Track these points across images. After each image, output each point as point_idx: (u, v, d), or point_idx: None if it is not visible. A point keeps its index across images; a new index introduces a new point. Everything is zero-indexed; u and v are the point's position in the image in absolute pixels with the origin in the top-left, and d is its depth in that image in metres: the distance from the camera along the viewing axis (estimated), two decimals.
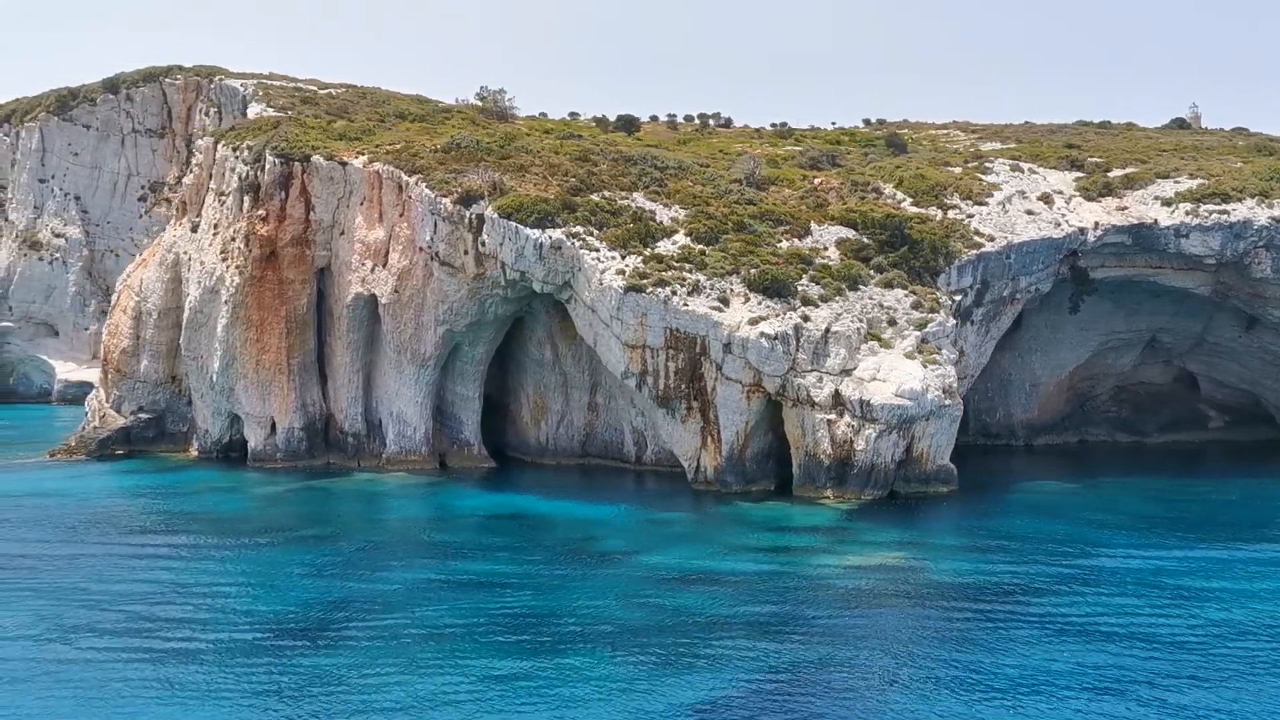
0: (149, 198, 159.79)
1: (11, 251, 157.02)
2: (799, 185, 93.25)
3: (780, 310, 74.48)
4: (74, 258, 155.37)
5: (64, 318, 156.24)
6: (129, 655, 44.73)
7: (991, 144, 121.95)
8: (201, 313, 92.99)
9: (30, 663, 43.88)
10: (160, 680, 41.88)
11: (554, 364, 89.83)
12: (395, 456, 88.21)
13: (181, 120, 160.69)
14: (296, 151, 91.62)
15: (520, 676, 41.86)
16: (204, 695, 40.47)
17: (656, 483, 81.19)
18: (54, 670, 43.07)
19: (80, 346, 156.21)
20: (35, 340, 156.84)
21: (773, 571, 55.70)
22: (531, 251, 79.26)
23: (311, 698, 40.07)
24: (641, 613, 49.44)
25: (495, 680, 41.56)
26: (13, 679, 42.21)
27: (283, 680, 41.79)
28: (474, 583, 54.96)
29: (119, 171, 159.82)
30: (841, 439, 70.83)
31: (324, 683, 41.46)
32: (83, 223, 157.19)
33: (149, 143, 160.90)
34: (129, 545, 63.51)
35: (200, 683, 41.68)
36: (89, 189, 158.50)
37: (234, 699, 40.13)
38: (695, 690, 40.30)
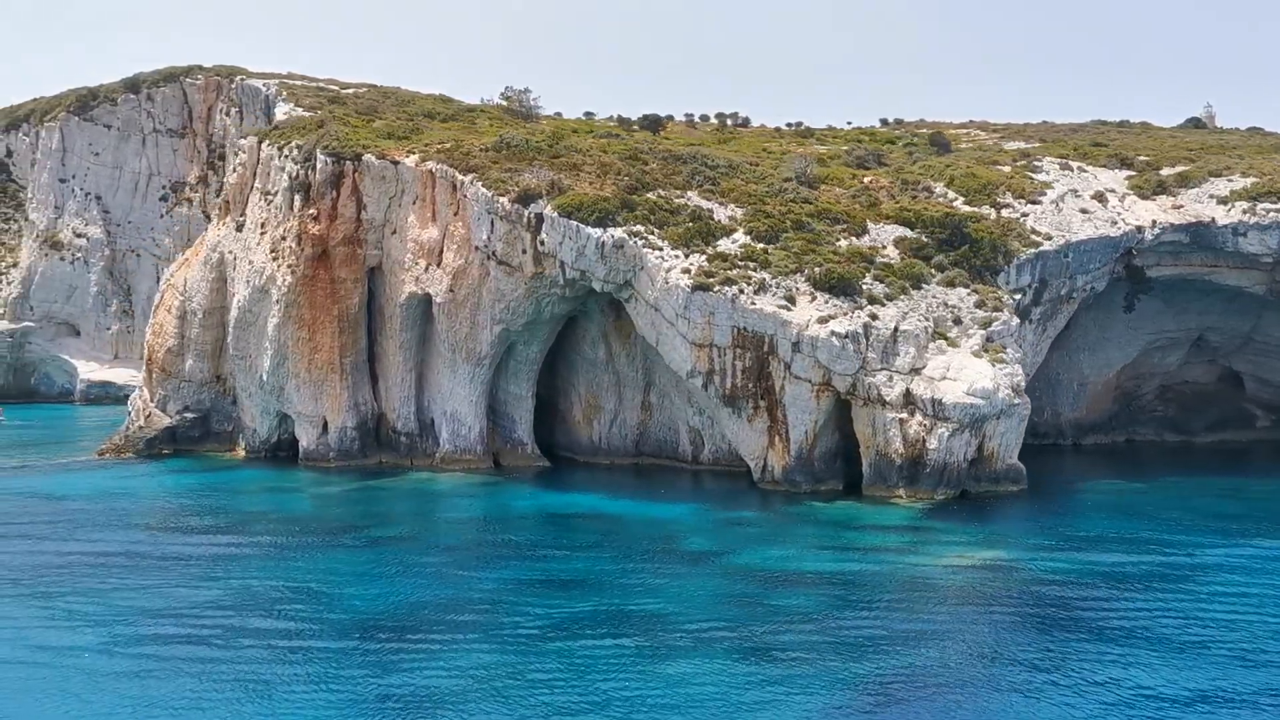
0: (170, 197, 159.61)
1: (32, 251, 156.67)
2: (849, 184, 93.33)
3: (847, 309, 74.53)
4: (95, 257, 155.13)
5: (86, 318, 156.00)
6: (247, 658, 44.56)
7: (1015, 143, 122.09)
8: (250, 312, 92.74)
9: (146, 663, 43.72)
10: (273, 682, 41.71)
11: (607, 363, 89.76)
12: (450, 456, 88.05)
13: (202, 120, 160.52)
14: (348, 150, 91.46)
15: (644, 678, 41.75)
16: (319, 696, 40.32)
17: (717, 482, 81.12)
18: (169, 673, 42.89)
19: (102, 346, 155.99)
20: (57, 340, 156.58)
21: (871, 571, 55.72)
22: (593, 250, 79.19)
23: (436, 701, 39.91)
24: (749, 613, 49.39)
25: (621, 684, 41.40)
26: (128, 681, 42.04)
27: (401, 681, 41.69)
28: (568, 583, 54.83)
29: (140, 171, 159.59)
30: (913, 438, 70.89)
31: (446, 684, 41.32)
32: (104, 222, 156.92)
33: (170, 142, 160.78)
34: (212, 546, 63.32)
35: (314, 684, 41.51)
36: (110, 189, 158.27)
37: (354, 702, 39.97)
38: (826, 693, 40.21)
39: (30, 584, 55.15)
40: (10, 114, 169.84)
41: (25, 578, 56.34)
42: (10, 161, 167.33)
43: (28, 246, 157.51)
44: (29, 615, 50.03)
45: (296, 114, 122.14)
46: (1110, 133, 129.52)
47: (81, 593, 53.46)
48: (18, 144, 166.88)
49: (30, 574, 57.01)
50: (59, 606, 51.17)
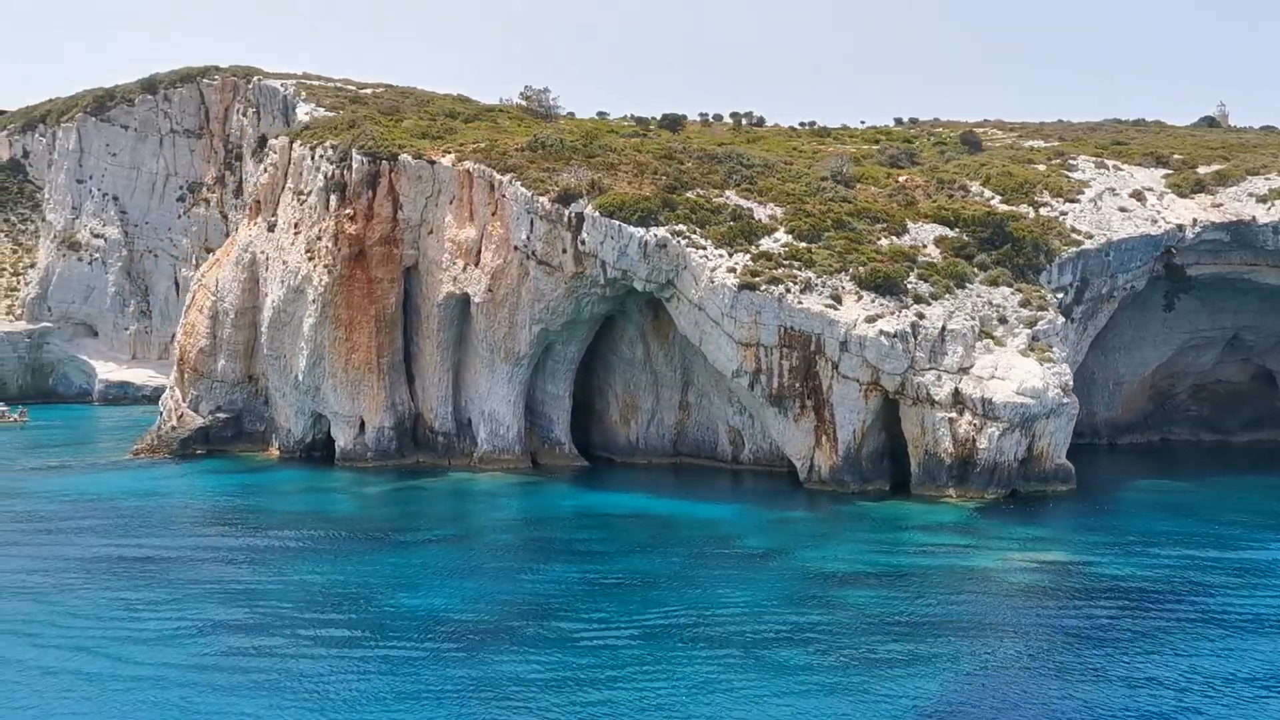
0: (187, 198, 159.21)
1: (50, 252, 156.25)
2: (885, 183, 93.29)
3: (894, 308, 74.48)
4: (113, 258, 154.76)
5: (103, 318, 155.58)
6: (328, 660, 44.44)
7: (1034, 141, 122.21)
8: (285, 312, 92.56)
9: (226, 662, 43.61)
10: (358, 684, 41.61)
11: (645, 363, 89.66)
12: (488, 456, 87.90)
13: (219, 120, 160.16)
14: (383, 150, 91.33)
15: (729, 676, 41.67)
16: (404, 698, 40.23)
17: (759, 482, 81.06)
18: (247, 673, 42.78)
19: (120, 347, 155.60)
20: (74, 340, 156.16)
21: (939, 570, 55.66)
22: (635, 250, 79.09)
23: (517, 702, 39.79)
24: (823, 612, 49.35)
25: (707, 680, 41.33)
26: (205, 683, 41.93)
27: (473, 680, 41.56)
28: (635, 584, 54.72)
29: (157, 172, 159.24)
30: (963, 437, 70.83)
31: (521, 686, 41.18)
32: (121, 223, 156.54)
33: (186, 143, 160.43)
34: (271, 546, 63.27)
35: (400, 685, 41.43)
36: (127, 189, 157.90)
37: (428, 701, 39.87)
38: (913, 691, 40.15)
39: (106, 581, 55.24)
40: (26, 115, 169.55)
41: (102, 574, 56.52)
42: (27, 162, 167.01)
43: (45, 247, 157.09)
44: (114, 614, 49.97)
45: (319, 114, 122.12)
46: (1128, 131, 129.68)
47: (154, 591, 53.47)
48: (34, 145, 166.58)
49: (103, 572, 57.10)
50: (139, 606, 51.13)
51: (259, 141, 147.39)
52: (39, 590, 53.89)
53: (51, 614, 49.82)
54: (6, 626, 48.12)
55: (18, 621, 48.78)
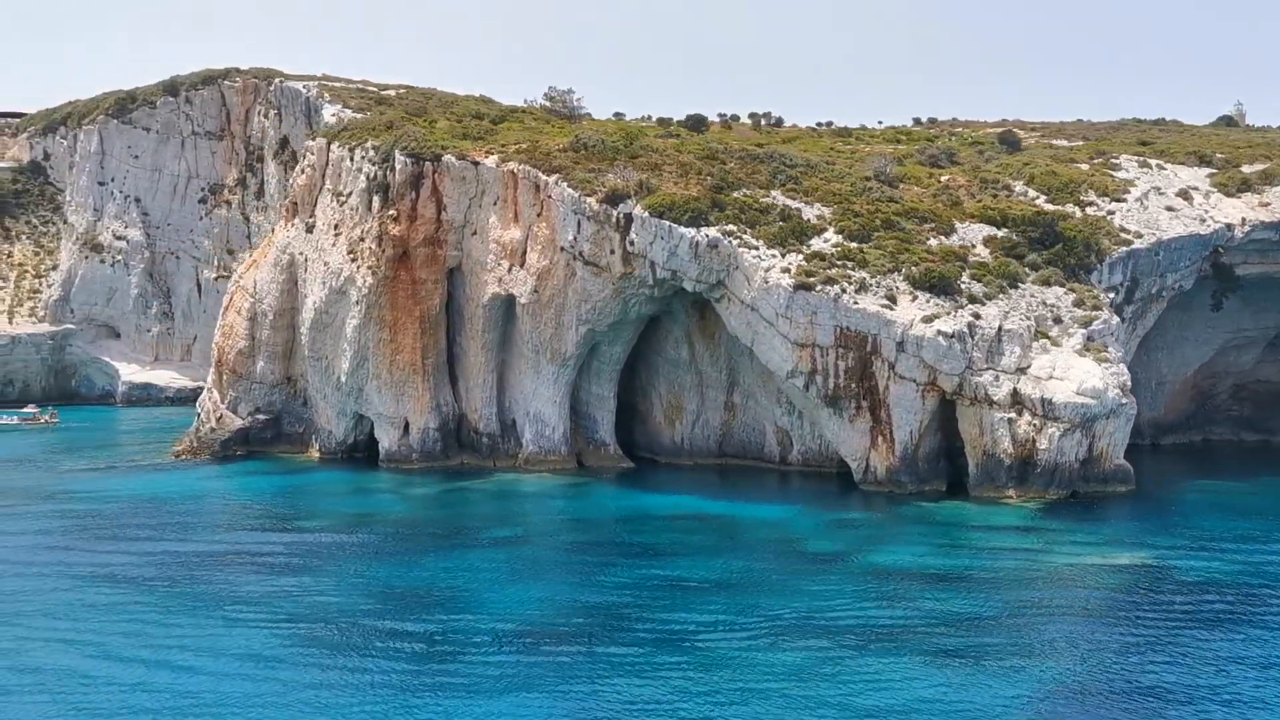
0: (209, 200, 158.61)
1: (72, 254, 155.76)
2: (928, 183, 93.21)
3: (949, 308, 74.37)
4: (135, 260, 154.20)
5: (126, 320, 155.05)
6: (412, 662, 44.35)
7: (1058, 141, 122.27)
8: (327, 313, 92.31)
9: (319, 666, 43.47)
10: (448, 687, 41.46)
11: (690, 363, 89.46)
12: (534, 457, 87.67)
13: (240, 122, 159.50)
14: (427, 151, 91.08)
15: (830, 678, 41.59)
16: (496, 695, 40.09)
17: (809, 483, 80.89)
18: (353, 673, 42.63)
19: (142, 349, 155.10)
20: (97, 342, 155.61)
21: (1014, 570, 55.60)
22: (685, 250, 78.93)
23: (630, 704, 39.66)
24: (912, 615, 49.26)
25: (807, 682, 41.22)
26: (293, 675, 41.75)
27: (578, 686, 41.41)
28: (707, 585, 54.70)
29: (179, 174, 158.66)
30: (1023, 438, 70.69)
31: (623, 690, 41.04)
32: (143, 225, 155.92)
33: (208, 145, 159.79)
34: (335, 548, 63.28)
35: (489, 687, 41.33)
36: (149, 191, 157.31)
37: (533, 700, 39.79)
38: (1021, 692, 40.01)
39: (182, 585, 55.25)
40: (46, 118, 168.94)
41: (177, 577, 56.62)
42: (48, 165, 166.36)
43: (67, 249, 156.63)
44: (197, 618, 49.89)
45: (346, 115, 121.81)
46: (1152, 131, 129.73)
47: (228, 592, 53.35)
48: (55, 147, 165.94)
49: (175, 574, 57.10)
50: (222, 610, 51.07)
51: (280, 143, 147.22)
52: (124, 591, 53.77)
53: (143, 612, 49.70)
54: (111, 627, 47.81)
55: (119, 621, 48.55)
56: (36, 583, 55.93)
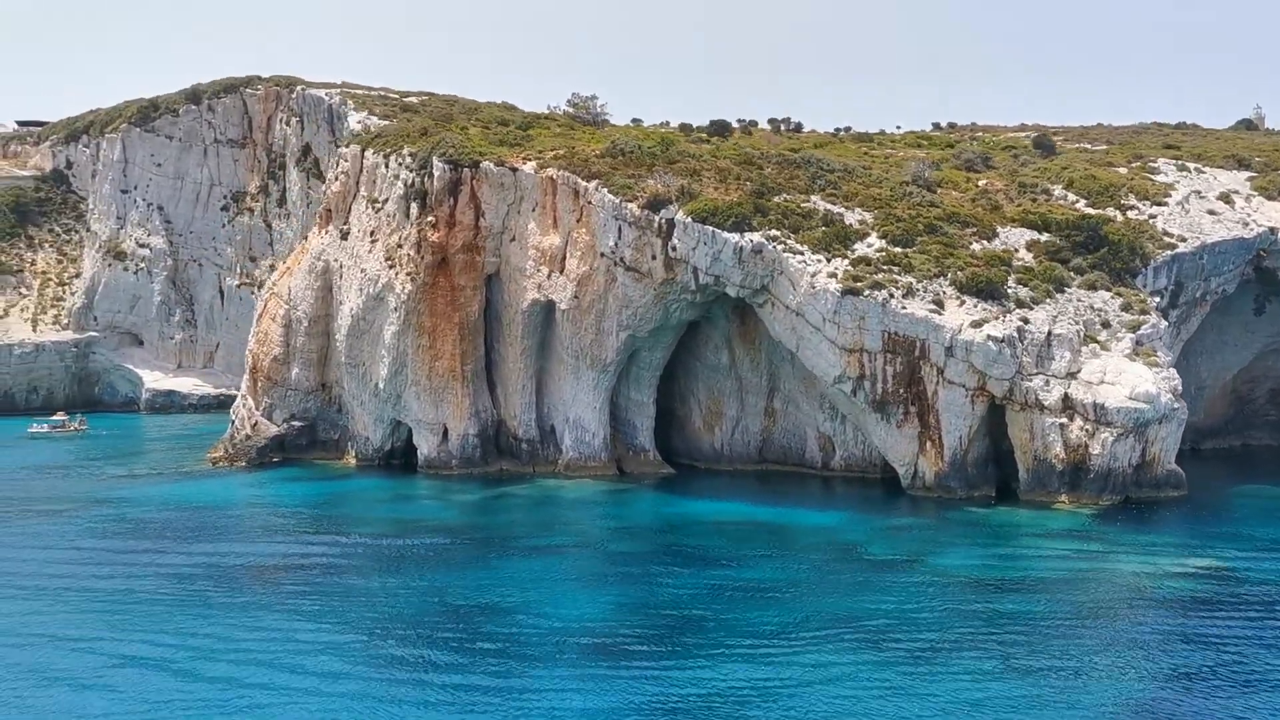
0: (231, 207, 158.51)
1: (96, 261, 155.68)
2: (965, 187, 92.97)
3: (997, 313, 74.12)
4: (158, 267, 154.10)
5: (149, 327, 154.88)
6: (479, 669, 44.14)
7: (1080, 145, 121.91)
8: (364, 320, 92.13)
9: (396, 672, 43.24)
10: (516, 695, 41.23)
11: (730, 369, 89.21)
12: (574, 463, 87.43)
13: (262, 130, 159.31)
14: (465, 158, 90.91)
15: (912, 685, 41.30)
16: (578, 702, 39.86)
17: (853, 488, 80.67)
18: (421, 685, 42.41)
19: (166, 356, 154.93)
20: (120, 350, 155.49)
21: (1083, 574, 55.45)
22: (729, 255, 78.73)
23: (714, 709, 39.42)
24: (984, 620, 49.02)
25: (893, 690, 40.92)
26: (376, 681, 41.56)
27: (659, 691, 41.14)
28: (768, 590, 54.52)
29: (201, 181, 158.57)
30: (1075, 443, 70.39)
31: (706, 697, 40.76)
32: (166, 232, 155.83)
33: (230, 152, 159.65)
34: (393, 554, 63.34)
35: (565, 690, 41.07)
36: (172, 199, 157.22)
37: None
38: (1114, 698, 39.67)
39: (252, 589, 55.38)
40: (69, 126, 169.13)
41: (246, 581, 56.84)
42: (70, 173, 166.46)
43: (90, 257, 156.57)
44: (276, 621, 49.87)
45: (372, 122, 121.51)
46: (1175, 135, 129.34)
47: (300, 596, 53.33)
48: (78, 156, 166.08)
49: (244, 579, 57.22)
50: (298, 613, 51.01)
51: (303, 150, 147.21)
52: (201, 594, 53.92)
53: (226, 614, 49.90)
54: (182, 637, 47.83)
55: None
56: (114, 583, 56.13)
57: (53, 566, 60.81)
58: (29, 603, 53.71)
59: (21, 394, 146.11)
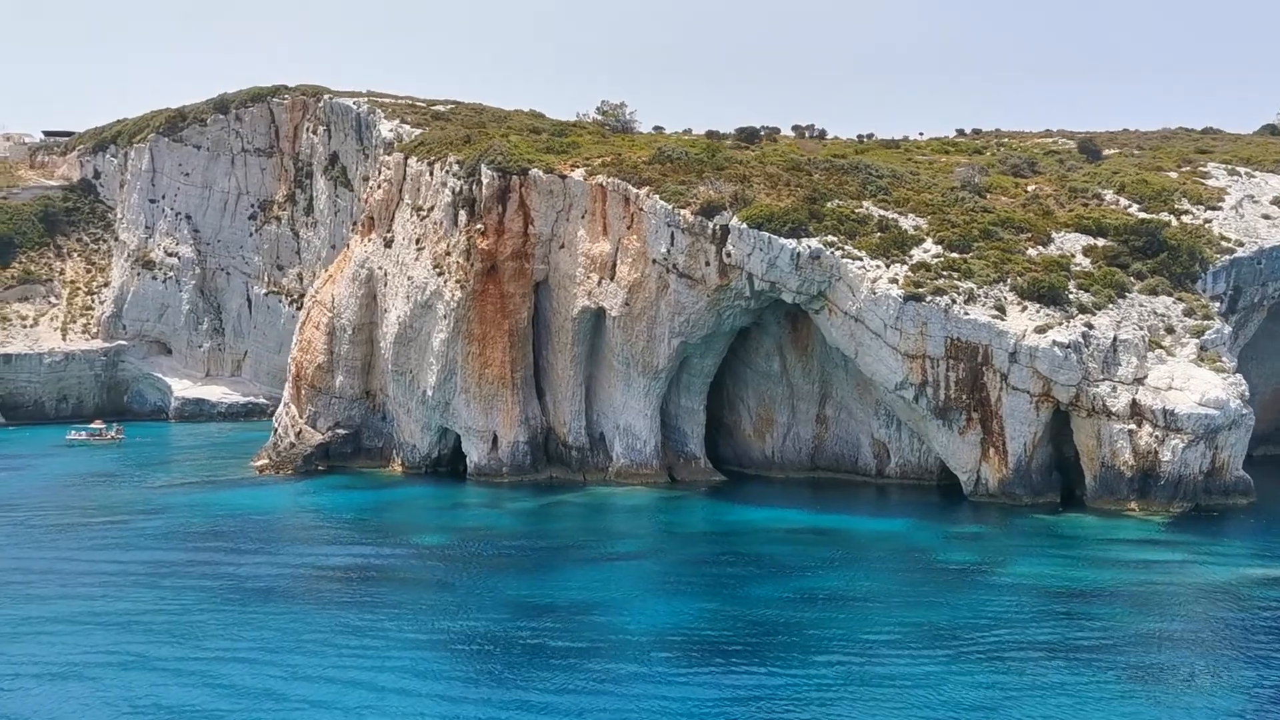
0: (259, 216, 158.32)
1: (124, 270, 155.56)
2: (1015, 192, 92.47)
3: (1060, 318, 73.61)
4: (186, 276, 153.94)
5: (178, 335, 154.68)
6: (583, 673, 43.67)
7: (1109, 150, 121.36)
8: (412, 327, 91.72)
9: (487, 680, 42.79)
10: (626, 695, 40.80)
11: (781, 376, 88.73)
12: (625, 470, 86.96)
13: (289, 139, 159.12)
14: (514, 165, 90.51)
15: (1012, 694, 40.76)
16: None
17: (910, 495, 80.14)
18: (525, 686, 41.93)
19: (194, 364, 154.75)
20: (149, 358, 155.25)
21: (1170, 584, 54.86)
22: (786, 261, 78.27)
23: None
24: (1077, 629, 48.49)
25: (993, 701, 40.37)
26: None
27: (755, 697, 40.65)
28: (850, 598, 54.07)
29: (229, 190, 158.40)
30: (1144, 449, 69.81)
31: (828, 699, 40.29)
32: (194, 241, 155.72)
33: (257, 161, 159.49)
34: (458, 563, 62.74)
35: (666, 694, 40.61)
36: (199, 208, 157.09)
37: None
38: (1220, 709, 39.12)
39: (331, 597, 55.11)
40: (96, 136, 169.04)
41: (321, 590, 56.53)
42: (98, 183, 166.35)
43: (119, 266, 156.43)
44: (356, 632, 49.40)
45: (405, 130, 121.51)
46: (1205, 140, 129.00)
47: (376, 605, 52.94)
48: (105, 165, 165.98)
49: (318, 587, 57.00)
50: (380, 623, 50.58)
51: (330, 159, 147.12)
52: (278, 604, 53.71)
53: (311, 623, 49.61)
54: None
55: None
56: (207, 586, 56.46)
57: (139, 569, 60.82)
58: (131, 603, 53.56)
59: (51, 403, 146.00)
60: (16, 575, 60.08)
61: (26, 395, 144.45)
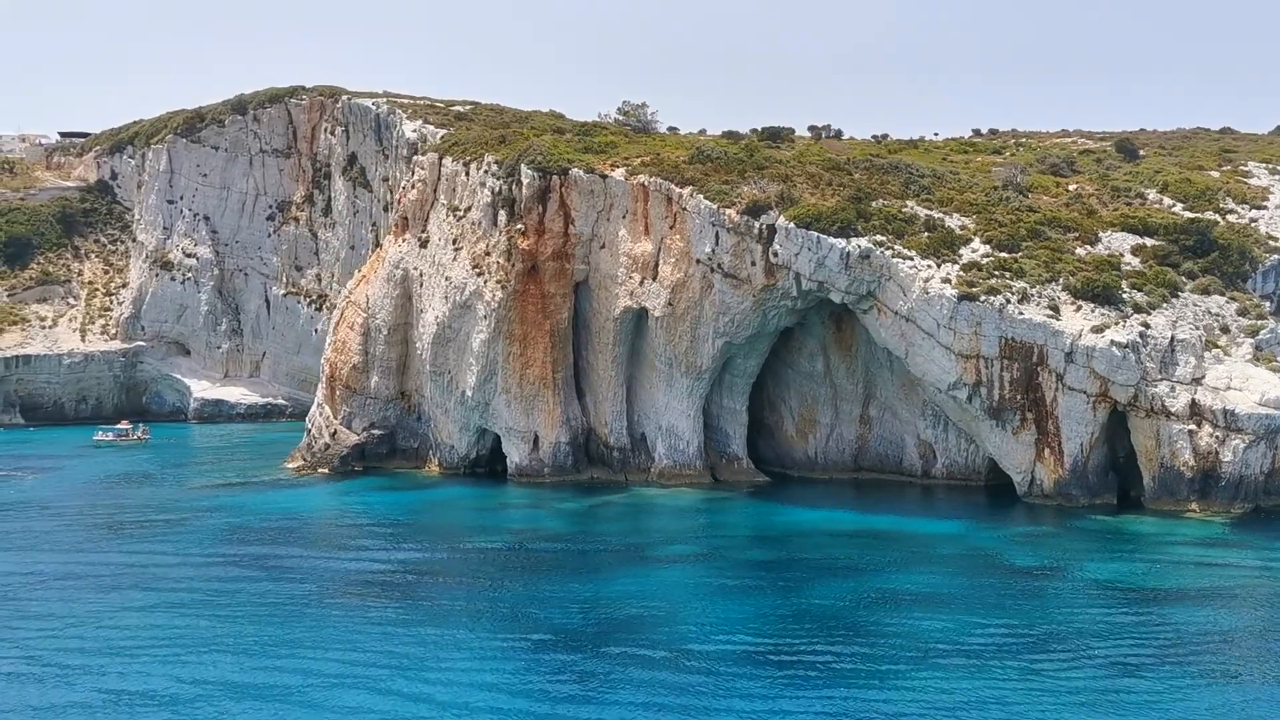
0: (277, 217, 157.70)
1: (142, 272, 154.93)
2: (1056, 192, 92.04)
3: (1115, 318, 73.13)
4: (205, 277, 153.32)
5: (196, 336, 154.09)
6: (665, 676, 43.15)
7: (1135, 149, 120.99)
8: (450, 328, 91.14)
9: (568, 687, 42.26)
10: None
11: (825, 376, 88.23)
12: (668, 470, 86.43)
13: (306, 140, 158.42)
14: (554, 165, 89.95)
15: (1121, 694, 40.31)
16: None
17: (959, 496, 79.63)
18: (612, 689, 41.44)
19: (213, 365, 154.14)
20: (167, 359, 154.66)
21: (1251, 587, 54.20)
22: (835, 261, 77.76)
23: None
24: (1167, 632, 47.88)
25: (1102, 696, 39.93)
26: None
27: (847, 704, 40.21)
28: (921, 599, 53.59)
29: (247, 191, 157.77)
30: (1204, 450, 69.35)
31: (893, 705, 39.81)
32: (212, 242, 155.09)
33: (275, 162, 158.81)
34: (518, 563, 62.37)
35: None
36: (218, 209, 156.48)
37: None
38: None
39: (403, 596, 54.96)
40: (113, 137, 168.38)
41: (393, 588, 56.50)
42: (115, 184, 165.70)
43: (137, 267, 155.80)
44: (437, 630, 48.99)
45: (429, 130, 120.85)
46: (1226, 140, 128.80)
47: (453, 606, 52.78)
48: (122, 166, 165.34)
49: (391, 585, 56.94)
50: (461, 624, 50.24)
51: (349, 160, 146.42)
52: (358, 605, 53.61)
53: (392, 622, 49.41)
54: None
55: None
56: (275, 589, 56.18)
57: (202, 572, 60.64)
58: (202, 609, 53.30)
59: (71, 403, 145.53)
60: (123, 572, 60.43)
61: (46, 396, 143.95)
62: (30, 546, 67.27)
